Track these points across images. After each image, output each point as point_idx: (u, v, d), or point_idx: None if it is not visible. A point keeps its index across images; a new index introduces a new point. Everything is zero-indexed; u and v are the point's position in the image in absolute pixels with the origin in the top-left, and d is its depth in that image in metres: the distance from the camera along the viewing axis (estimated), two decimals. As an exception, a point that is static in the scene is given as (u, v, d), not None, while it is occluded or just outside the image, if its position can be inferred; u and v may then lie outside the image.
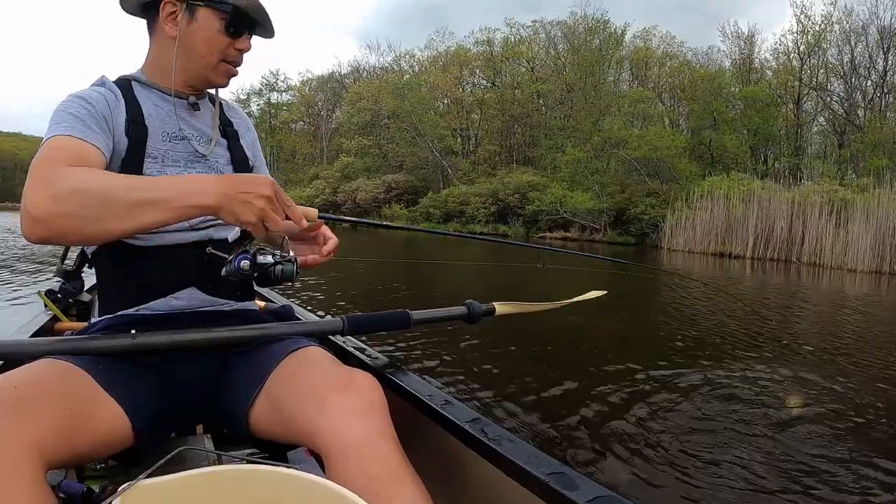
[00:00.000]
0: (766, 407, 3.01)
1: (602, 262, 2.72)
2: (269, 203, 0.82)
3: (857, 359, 4.30)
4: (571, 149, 24.59)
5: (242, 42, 1.05)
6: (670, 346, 4.43)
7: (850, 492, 2.12)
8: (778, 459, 2.35)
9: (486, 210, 24.98)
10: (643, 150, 21.55)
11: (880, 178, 16.68)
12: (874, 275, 14.11)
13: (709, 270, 13.58)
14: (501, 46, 32.11)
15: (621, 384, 3.25)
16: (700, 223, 18.38)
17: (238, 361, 1.01)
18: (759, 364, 3.86)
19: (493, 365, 3.54)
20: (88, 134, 0.91)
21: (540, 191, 23.77)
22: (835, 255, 15.36)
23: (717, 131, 24.64)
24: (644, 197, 21.49)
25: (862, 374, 3.85)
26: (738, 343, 4.60)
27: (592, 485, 0.75)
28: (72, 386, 0.80)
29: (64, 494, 0.81)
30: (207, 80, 1.07)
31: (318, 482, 0.65)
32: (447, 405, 1.02)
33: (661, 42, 30.99)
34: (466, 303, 1.36)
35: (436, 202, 26.76)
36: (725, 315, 6.09)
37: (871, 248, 14.63)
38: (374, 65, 38.78)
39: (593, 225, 22.45)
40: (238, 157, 1.15)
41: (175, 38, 1.01)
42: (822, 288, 11.00)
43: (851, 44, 26.29)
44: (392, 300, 6.32)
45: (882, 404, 3.18)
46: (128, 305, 1.00)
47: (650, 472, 2.19)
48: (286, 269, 0.99)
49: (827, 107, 27.46)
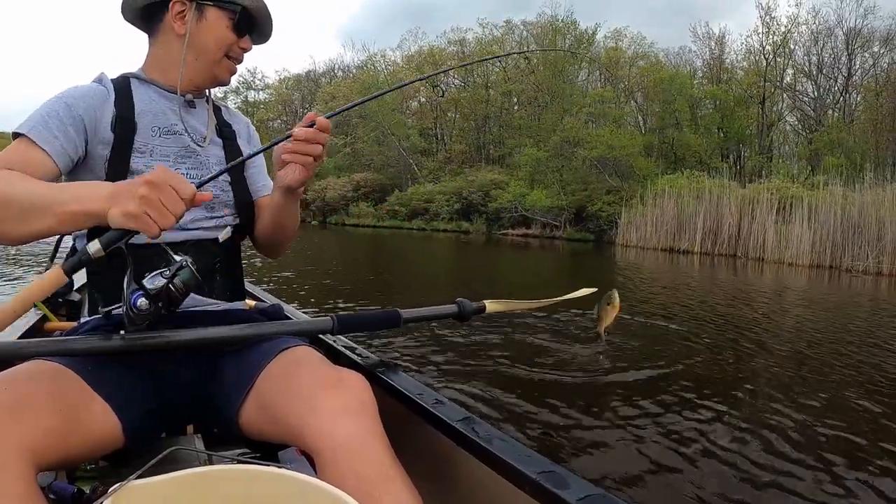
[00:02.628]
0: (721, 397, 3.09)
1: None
2: (144, 200, 0.76)
3: (790, 346, 4.57)
4: (530, 148, 24.81)
5: (246, 41, 1.10)
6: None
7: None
8: (733, 453, 2.36)
9: (449, 207, 25.15)
10: (600, 149, 21.75)
11: (839, 177, 16.84)
12: (813, 269, 14.41)
13: (658, 266, 13.77)
14: (474, 46, 32.22)
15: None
16: (652, 220, 18.53)
17: (228, 361, 1.01)
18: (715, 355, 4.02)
19: (482, 361, 3.52)
20: (46, 138, 0.93)
21: (503, 189, 23.97)
22: (778, 250, 15.60)
23: (679, 130, 24.79)
24: (604, 195, 21.64)
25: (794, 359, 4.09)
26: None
27: (583, 483, 0.75)
28: (62, 387, 0.79)
29: (54, 496, 0.81)
30: (214, 76, 1.11)
31: (309, 482, 0.65)
32: (438, 404, 1.01)
33: (632, 43, 31.19)
34: (457, 301, 1.34)
35: (401, 200, 26.93)
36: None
37: (811, 244, 14.90)
38: (349, 64, 38.85)
39: (553, 222, 22.57)
40: (231, 154, 1.16)
41: (183, 36, 1.06)
42: (761, 281, 11.24)
43: (819, 45, 26.56)
44: (378, 296, 6.30)
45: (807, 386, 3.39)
46: (116, 304, 1.00)
47: (633, 469, 2.19)
48: (184, 277, 0.86)
49: (797, 107, 27.67)
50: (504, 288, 7.88)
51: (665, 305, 6.49)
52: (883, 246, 13.97)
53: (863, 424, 2.80)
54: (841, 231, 14.75)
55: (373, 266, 10.85)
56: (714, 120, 25.37)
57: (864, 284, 11.53)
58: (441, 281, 9.01)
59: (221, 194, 1.14)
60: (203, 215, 1.10)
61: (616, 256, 16.00)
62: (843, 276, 13.16)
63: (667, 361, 3.70)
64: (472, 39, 32.57)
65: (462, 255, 14.93)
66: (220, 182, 1.13)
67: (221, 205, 1.14)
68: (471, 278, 9.45)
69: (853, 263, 14.22)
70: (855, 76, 25.95)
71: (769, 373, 3.72)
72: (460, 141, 31.64)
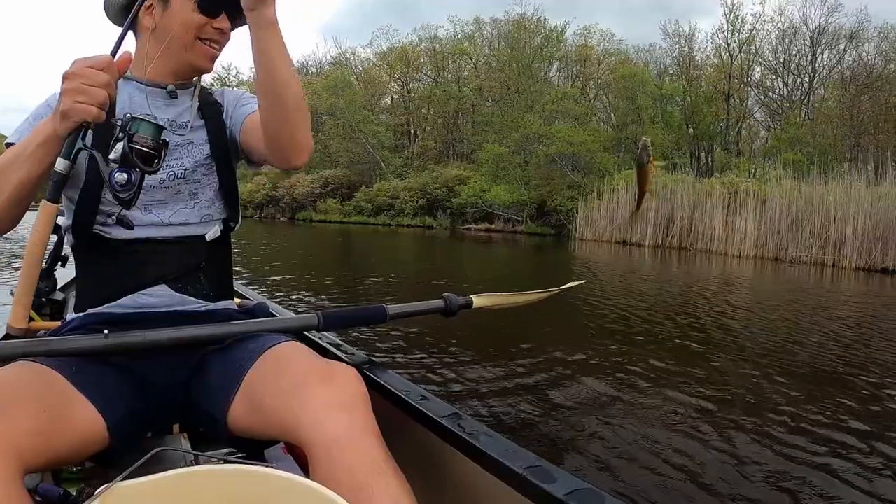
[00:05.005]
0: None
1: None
2: (68, 93, 0.78)
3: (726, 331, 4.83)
4: (489, 145, 24.96)
5: (220, 21, 1.04)
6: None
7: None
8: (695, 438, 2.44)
9: (413, 203, 25.26)
10: (558, 145, 21.86)
11: (793, 172, 17.01)
12: (758, 260, 14.63)
13: (612, 258, 13.93)
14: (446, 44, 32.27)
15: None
16: (607, 214, 18.69)
17: (213, 360, 1.00)
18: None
19: (469, 355, 3.57)
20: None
21: (467, 184, 24.07)
22: (725, 242, 15.78)
23: (641, 127, 24.94)
24: (565, 189, 21.75)
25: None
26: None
27: (570, 477, 0.75)
28: (46, 388, 0.79)
29: (41, 498, 0.80)
30: (190, 64, 1.07)
31: (296, 480, 0.65)
32: (424, 400, 1.02)
33: (602, 40, 31.34)
34: (444, 296, 1.33)
35: (367, 196, 27.01)
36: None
37: (755, 237, 15.12)
38: (321, 60, 38.78)
39: (515, 217, 22.67)
40: (214, 129, 1.13)
41: (153, 30, 1.05)
42: (706, 272, 11.57)
43: (786, 42, 26.81)
44: (365, 290, 6.41)
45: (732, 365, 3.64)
46: (100, 301, 1.02)
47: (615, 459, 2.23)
48: (141, 130, 0.84)
49: (764, 104, 27.90)
50: (470, 279, 8.18)
51: (624, 296, 6.78)
52: (827, 237, 14.18)
53: (787, 394, 3.04)
54: (787, 224, 14.96)
55: (344, 260, 11.22)
56: (675, 117, 25.53)
57: (799, 273, 11.90)
58: (413, 274, 9.26)
59: (204, 178, 1.11)
60: (189, 211, 1.09)
61: (573, 250, 16.19)
62: (787, 267, 13.40)
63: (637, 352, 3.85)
64: (443, 36, 32.62)
65: (427, 249, 15.16)
66: (202, 165, 1.11)
67: (207, 198, 1.12)
68: (436, 270, 9.87)
69: (798, 255, 14.41)
70: (823, 72, 26.25)
71: (712, 353, 3.99)
72: (432, 137, 31.69)
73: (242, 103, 1.17)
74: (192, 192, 1.09)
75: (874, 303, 7.62)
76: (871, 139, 22.24)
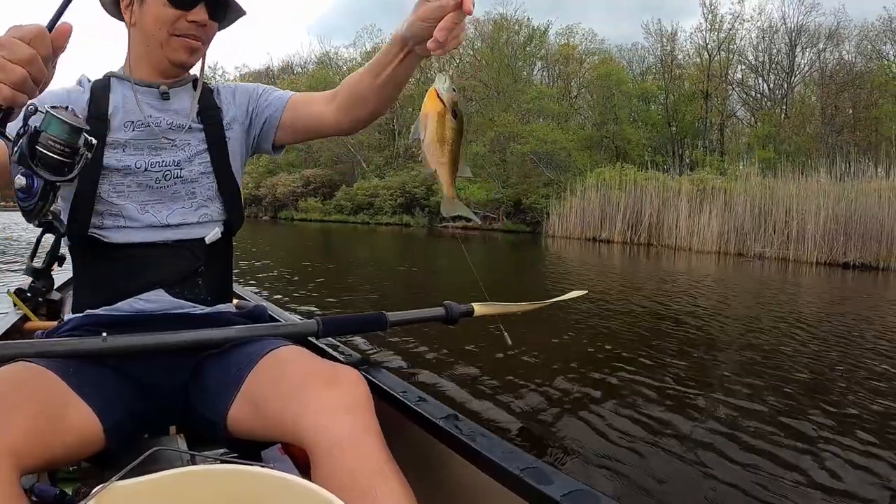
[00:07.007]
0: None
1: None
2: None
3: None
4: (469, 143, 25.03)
5: (195, 14, 1.00)
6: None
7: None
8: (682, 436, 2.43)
9: (392, 202, 25.49)
10: (532, 143, 22.03)
11: (767, 169, 17.16)
12: (721, 255, 14.86)
13: (582, 255, 14.05)
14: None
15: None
16: (578, 211, 18.88)
17: (212, 364, 0.99)
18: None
19: (464, 356, 3.52)
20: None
21: (442, 182, 24.20)
22: (691, 237, 16.01)
23: (618, 125, 25.10)
24: (541, 187, 21.92)
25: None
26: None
27: (567, 479, 0.76)
28: (43, 389, 0.79)
29: (37, 498, 0.80)
30: (167, 59, 1.03)
31: (293, 481, 0.65)
32: (421, 402, 1.02)
33: (584, 39, 31.47)
34: (445, 304, 1.33)
35: (348, 195, 27.23)
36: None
37: (718, 233, 15.30)
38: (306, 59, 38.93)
39: (492, 215, 22.84)
40: (214, 139, 1.10)
41: (134, 26, 1.04)
42: (671, 266, 11.70)
43: (766, 42, 26.96)
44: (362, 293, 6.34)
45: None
46: (97, 304, 1.01)
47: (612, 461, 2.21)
48: (50, 129, 0.71)
49: (745, 103, 28.02)
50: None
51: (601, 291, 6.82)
52: (789, 232, 14.35)
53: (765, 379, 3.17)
54: (751, 219, 15.12)
55: (328, 258, 11.21)
56: (651, 116, 25.70)
57: (762, 269, 11.95)
58: (401, 271, 9.29)
59: (201, 177, 1.09)
60: (186, 211, 1.07)
61: (545, 247, 16.36)
62: (749, 262, 13.56)
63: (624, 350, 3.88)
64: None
65: (407, 248, 15.21)
66: (200, 169, 1.09)
67: (205, 197, 1.09)
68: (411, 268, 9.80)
69: (761, 250, 14.58)
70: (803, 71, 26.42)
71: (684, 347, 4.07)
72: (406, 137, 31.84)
73: (270, 92, 1.18)
74: (190, 192, 1.07)
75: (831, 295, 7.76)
76: (850, 136, 22.37)
